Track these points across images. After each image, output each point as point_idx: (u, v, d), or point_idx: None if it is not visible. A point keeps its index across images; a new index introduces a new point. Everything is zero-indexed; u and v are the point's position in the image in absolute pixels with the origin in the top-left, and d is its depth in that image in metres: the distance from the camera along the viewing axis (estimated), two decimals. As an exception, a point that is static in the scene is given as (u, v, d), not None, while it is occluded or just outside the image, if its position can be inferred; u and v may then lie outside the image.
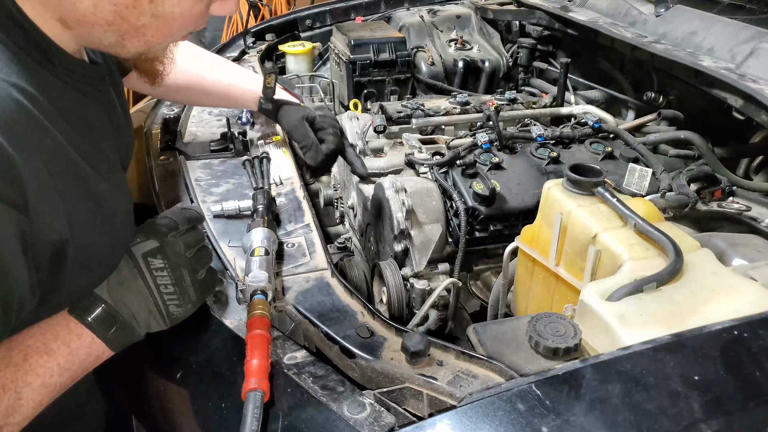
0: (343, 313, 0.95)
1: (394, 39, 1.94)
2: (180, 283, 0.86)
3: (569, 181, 1.07)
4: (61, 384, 0.80)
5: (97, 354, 0.83)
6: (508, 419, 0.69)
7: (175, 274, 0.86)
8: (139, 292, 0.84)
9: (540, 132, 1.46)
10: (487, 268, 1.38)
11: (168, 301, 0.86)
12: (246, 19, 4.76)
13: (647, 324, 0.82)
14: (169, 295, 0.86)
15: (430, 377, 0.81)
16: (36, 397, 0.75)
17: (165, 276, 0.85)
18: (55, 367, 0.78)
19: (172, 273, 0.86)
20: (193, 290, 0.89)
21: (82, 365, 0.81)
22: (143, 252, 0.84)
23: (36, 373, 0.76)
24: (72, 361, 0.79)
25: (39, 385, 0.76)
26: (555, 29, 1.99)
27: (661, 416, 0.69)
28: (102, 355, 0.83)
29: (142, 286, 0.84)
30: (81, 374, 0.82)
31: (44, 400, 0.77)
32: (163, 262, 0.85)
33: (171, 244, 0.86)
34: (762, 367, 0.75)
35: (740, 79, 1.31)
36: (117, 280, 0.83)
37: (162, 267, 0.85)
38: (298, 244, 1.13)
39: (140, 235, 0.86)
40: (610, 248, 0.96)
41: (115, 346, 0.84)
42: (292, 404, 0.80)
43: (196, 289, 0.89)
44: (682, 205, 1.31)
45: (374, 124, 1.51)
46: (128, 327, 0.84)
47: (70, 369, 0.79)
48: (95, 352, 0.82)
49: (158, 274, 0.85)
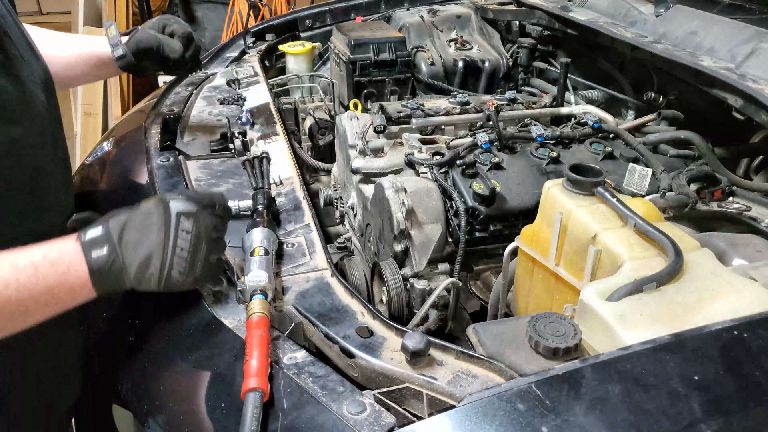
0: (343, 313, 0.95)
1: (394, 39, 1.94)
2: (195, 254, 0.86)
3: (569, 181, 1.07)
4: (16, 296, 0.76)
5: (75, 283, 0.80)
6: (508, 419, 0.69)
7: (195, 243, 0.86)
8: (156, 243, 0.84)
9: (540, 132, 1.46)
10: (487, 268, 1.38)
11: (175, 265, 0.85)
12: (246, 19, 4.77)
13: (647, 324, 0.82)
14: (180, 260, 0.86)
15: (430, 377, 0.81)
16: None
17: (186, 241, 0.85)
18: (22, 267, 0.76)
19: (194, 241, 0.86)
20: (201, 267, 0.88)
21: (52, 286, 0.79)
22: (179, 210, 0.86)
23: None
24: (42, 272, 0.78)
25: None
26: (555, 29, 1.99)
27: (661, 416, 0.69)
28: (79, 288, 0.81)
29: (162, 239, 0.84)
30: (43, 298, 0.79)
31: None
32: (192, 227, 0.86)
33: (205, 216, 0.88)
34: (762, 367, 0.75)
35: (740, 79, 1.31)
36: (141, 222, 0.84)
37: (188, 231, 0.86)
38: (298, 244, 1.13)
39: (181, 194, 0.88)
40: (610, 248, 0.96)
41: (99, 284, 0.81)
42: (292, 404, 0.80)
43: (203, 268, 0.88)
44: (682, 205, 1.31)
45: (374, 124, 1.51)
46: (122, 271, 0.83)
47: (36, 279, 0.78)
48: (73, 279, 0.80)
49: (182, 236, 0.85)
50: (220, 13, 5.05)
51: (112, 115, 3.98)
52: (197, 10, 5.26)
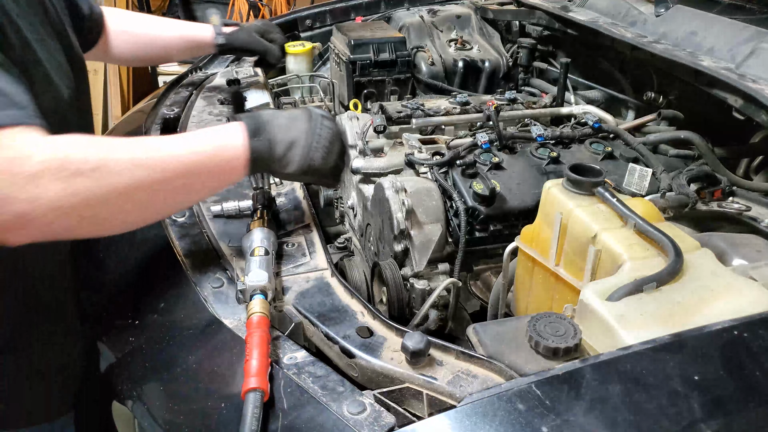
0: (343, 313, 0.95)
1: (394, 39, 1.94)
2: (332, 145, 1.01)
3: (569, 181, 1.07)
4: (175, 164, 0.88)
5: (230, 175, 0.95)
6: (508, 419, 0.69)
7: (333, 137, 1.02)
8: (302, 129, 0.99)
9: (540, 132, 1.46)
10: (487, 268, 1.38)
11: (316, 149, 0.99)
12: (246, 19, 4.77)
13: (647, 324, 0.82)
14: (319, 146, 0.99)
15: (430, 377, 0.81)
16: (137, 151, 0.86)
17: (326, 133, 1.01)
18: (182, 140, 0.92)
19: (331, 136, 1.01)
20: (334, 160, 1.02)
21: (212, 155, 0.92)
22: (321, 113, 1.03)
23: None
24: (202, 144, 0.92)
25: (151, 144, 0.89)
26: (555, 29, 1.99)
27: (661, 416, 0.69)
28: (234, 163, 0.93)
29: (307, 127, 0.99)
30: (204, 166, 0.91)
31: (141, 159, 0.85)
32: (331, 125, 1.02)
33: (340, 127, 1.08)
34: (762, 367, 0.75)
35: (740, 79, 1.31)
36: (289, 115, 1.00)
37: (329, 128, 1.02)
38: (298, 244, 1.13)
39: (321, 110, 1.05)
40: (610, 248, 0.96)
41: (253, 156, 0.94)
42: (292, 404, 0.80)
43: (336, 161, 1.03)
44: (682, 205, 1.31)
45: (374, 124, 1.51)
46: (271, 149, 0.96)
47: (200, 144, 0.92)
48: (229, 162, 0.93)
49: (324, 129, 1.01)
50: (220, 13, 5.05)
51: (112, 115, 3.98)
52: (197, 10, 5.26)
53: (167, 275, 1.09)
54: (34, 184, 0.77)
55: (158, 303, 1.05)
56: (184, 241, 1.14)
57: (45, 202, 0.77)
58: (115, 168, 0.83)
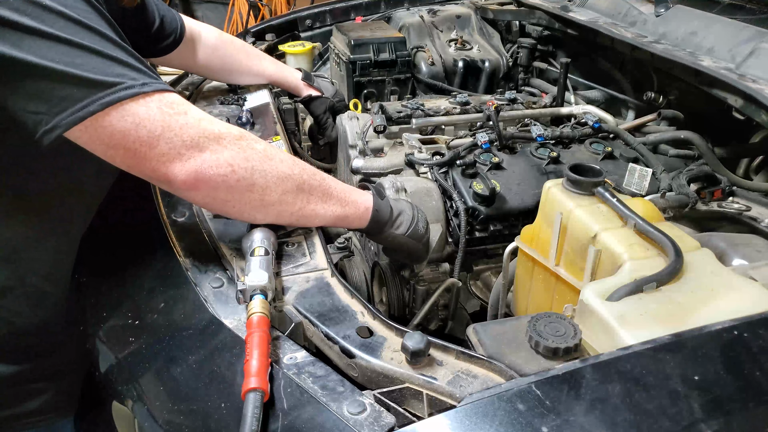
0: (343, 313, 0.95)
1: (394, 39, 1.94)
2: (427, 225, 1.18)
3: (569, 181, 1.07)
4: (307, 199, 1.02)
5: (357, 211, 1.08)
6: (508, 419, 0.69)
7: (427, 221, 1.18)
8: (409, 207, 1.16)
9: (540, 132, 1.46)
10: (487, 268, 1.38)
11: (419, 221, 1.15)
12: (246, 19, 4.78)
13: (647, 324, 0.82)
14: (421, 220, 1.16)
15: (430, 377, 0.81)
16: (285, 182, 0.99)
17: (423, 215, 1.17)
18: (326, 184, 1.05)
19: (426, 219, 1.18)
20: (429, 235, 1.19)
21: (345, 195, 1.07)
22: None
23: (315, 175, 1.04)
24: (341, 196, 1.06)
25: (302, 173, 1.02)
26: (555, 29, 1.99)
27: (661, 416, 0.69)
28: (358, 216, 1.08)
29: (412, 206, 1.17)
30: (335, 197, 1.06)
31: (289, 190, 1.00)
32: (424, 214, 1.19)
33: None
34: (762, 367, 0.75)
35: (740, 79, 1.31)
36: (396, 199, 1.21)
37: (424, 213, 1.19)
38: (298, 244, 1.13)
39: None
40: (610, 248, 0.96)
41: (374, 215, 1.09)
42: (292, 404, 0.80)
43: (428, 237, 1.19)
44: (682, 205, 1.31)
45: (374, 124, 1.51)
46: (388, 214, 1.11)
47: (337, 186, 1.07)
48: (359, 208, 1.08)
49: (420, 212, 1.17)
50: (220, 13, 5.06)
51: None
52: (197, 10, 5.27)
53: (167, 275, 1.09)
54: (218, 140, 0.92)
55: (158, 303, 1.05)
56: (184, 241, 1.14)
57: (226, 157, 0.92)
58: (279, 157, 0.99)
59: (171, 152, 0.90)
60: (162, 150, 0.89)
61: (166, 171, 0.91)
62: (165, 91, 0.91)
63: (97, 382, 1.09)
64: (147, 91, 0.88)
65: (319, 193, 1.03)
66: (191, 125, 0.91)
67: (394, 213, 1.13)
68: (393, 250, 1.20)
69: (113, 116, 0.86)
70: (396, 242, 1.14)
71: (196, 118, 0.92)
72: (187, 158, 0.90)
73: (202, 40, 1.60)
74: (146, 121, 0.87)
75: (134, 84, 0.87)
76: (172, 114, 0.90)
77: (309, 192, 1.02)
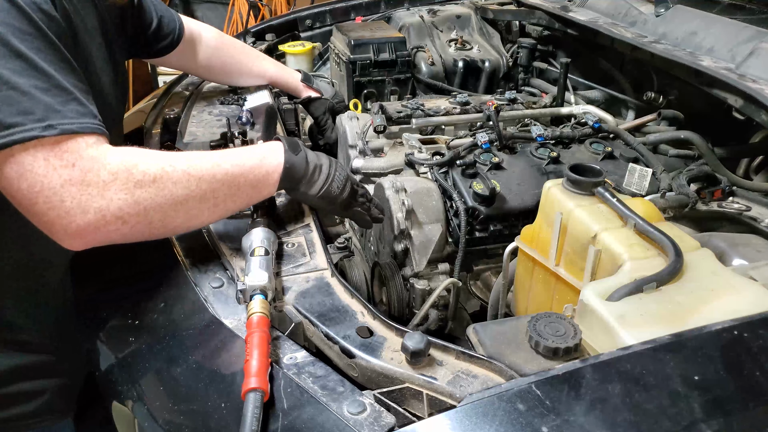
0: (343, 313, 0.95)
1: (394, 39, 1.94)
2: (345, 182, 1.12)
3: (569, 181, 1.07)
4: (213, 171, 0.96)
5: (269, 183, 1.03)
6: (508, 419, 0.69)
7: (346, 177, 1.12)
8: (326, 163, 1.10)
9: (540, 132, 1.46)
10: (487, 268, 1.38)
11: (334, 181, 1.09)
12: (246, 19, 4.77)
13: (647, 324, 0.82)
14: (337, 179, 1.10)
15: (430, 377, 0.81)
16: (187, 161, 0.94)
17: (341, 173, 1.11)
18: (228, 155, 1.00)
19: (345, 176, 1.12)
20: (347, 193, 1.12)
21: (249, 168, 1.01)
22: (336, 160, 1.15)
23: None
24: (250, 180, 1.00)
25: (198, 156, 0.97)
26: (555, 29, 1.99)
27: (661, 416, 0.69)
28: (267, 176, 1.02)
29: (330, 162, 1.11)
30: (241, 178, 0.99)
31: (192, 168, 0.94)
32: (344, 170, 1.14)
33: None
34: (762, 367, 0.75)
35: (740, 79, 1.31)
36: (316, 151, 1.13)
37: (343, 169, 1.13)
38: (298, 244, 1.13)
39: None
40: (610, 248, 0.96)
41: (285, 176, 1.04)
42: (292, 404, 0.80)
43: (348, 195, 1.12)
44: (682, 205, 1.31)
45: (374, 124, 1.51)
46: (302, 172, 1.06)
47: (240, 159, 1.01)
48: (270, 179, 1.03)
49: (338, 169, 1.12)
50: (220, 13, 5.05)
51: (112, 115, 3.97)
52: (197, 10, 5.27)
53: (167, 275, 1.09)
54: (103, 195, 0.84)
55: (158, 303, 1.05)
56: (184, 241, 1.14)
57: (113, 211, 0.85)
58: (171, 179, 0.91)
59: (50, 213, 0.83)
60: (41, 209, 0.82)
61: (50, 230, 0.85)
62: (72, 135, 0.83)
63: (97, 382, 1.09)
64: (46, 135, 0.80)
65: (224, 191, 0.98)
66: (74, 181, 0.82)
67: (309, 169, 1.07)
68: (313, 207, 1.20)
69: (2, 160, 0.81)
70: (308, 202, 1.12)
71: (83, 169, 0.83)
72: (68, 221, 0.83)
73: (202, 41, 1.60)
74: (28, 173, 0.81)
75: (35, 127, 0.80)
76: (57, 167, 0.82)
77: (214, 197, 0.97)
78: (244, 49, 1.73)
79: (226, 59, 1.66)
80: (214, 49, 1.62)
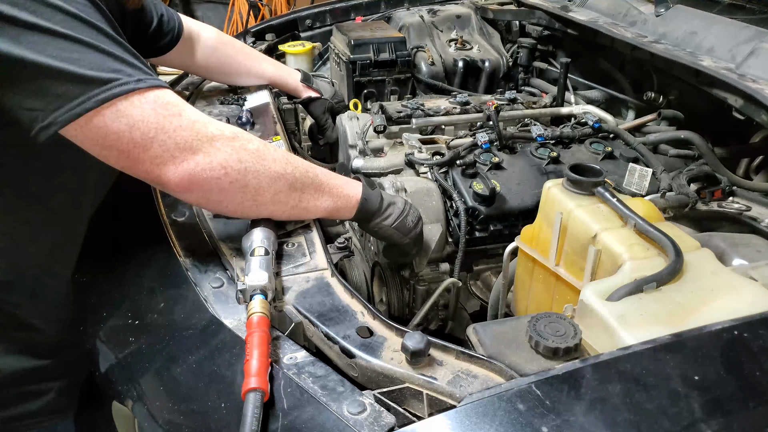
0: (343, 313, 0.95)
1: (394, 39, 1.94)
2: (419, 221, 1.19)
3: (569, 181, 1.07)
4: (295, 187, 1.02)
5: (348, 203, 1.09)
6: (508, 419, 0.69)
7: (419, 217, 1.20)
8: (401, 201, 1.17)
9: (540, 132, 1.46)
10: (487, 268, 1.38)
11: (408, 216, 1.16)
12: (246, 19, 4.78)
13: (647, 324, 0.82)
14: (411, 215, 1.17)
15: (430, 377, 0.81)
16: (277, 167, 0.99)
17: (414, 211, 1.18)
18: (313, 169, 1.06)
19: (419, 216, 1.19)
20: (419, 230, 1.19)
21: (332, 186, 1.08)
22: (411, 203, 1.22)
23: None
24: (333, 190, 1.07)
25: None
26: (555, 29, 1.99)
27: (661, 416, 0.69)
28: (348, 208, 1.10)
29: (404, 202, 1.18)
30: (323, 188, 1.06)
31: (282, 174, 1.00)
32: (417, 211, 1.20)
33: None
34: (762, 367, 0.75)
35: (740, 79, 1.31)
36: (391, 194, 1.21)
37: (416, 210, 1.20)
38: (298, 244, 1.13)
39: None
40: (610, 248, 0.96)
41: (361, 206, 1.10)
42: (292, 404, 0.80)
43: (419, 233, 1.19)
44: (682, 205, 1.31)
45: (374, 124, 1.51)
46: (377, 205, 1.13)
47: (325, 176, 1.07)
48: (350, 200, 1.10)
49: (412, 209, 1.19)
50: (220, 12, 5.06)
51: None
52: (197, 10, 5.27)
53: (167, 275, 1.09)
54: (212, 143, 0.92)
55: (158, 303, 1.05)
56: (184, 241, 1.14)
57: (219, 160, 0.92)
58: (272, 155, 0.99)
59: (164, 155, 0.90)
60: (155, 153, 0.89)
61: (159, 173, 0.91)
62: (161, 88, 0.90)
63: (97, 382, 1.09)
64: (142, 88, 0.88)
65: (311, 190, 1.05)
66: (185, 127, 0.90)
67: (384, 204, 1.14)
68: (383, 241, 1.22)
69: (107, 116, 0.86)
70: (382, 233, 1.14)
71: (190, 119, 0.92)
72: (180, 161, 0.90)
73: (201, 41, 1.60)
74: (140, 122, 0.87)
75: (129, 80, 0.87)
76: (166, 115, 0.89)
77: (301, 189, 1.03)
78: (243, 49, 1.73)
79: (225, 59, 1.67)
80: (212, 49, 1.62)
